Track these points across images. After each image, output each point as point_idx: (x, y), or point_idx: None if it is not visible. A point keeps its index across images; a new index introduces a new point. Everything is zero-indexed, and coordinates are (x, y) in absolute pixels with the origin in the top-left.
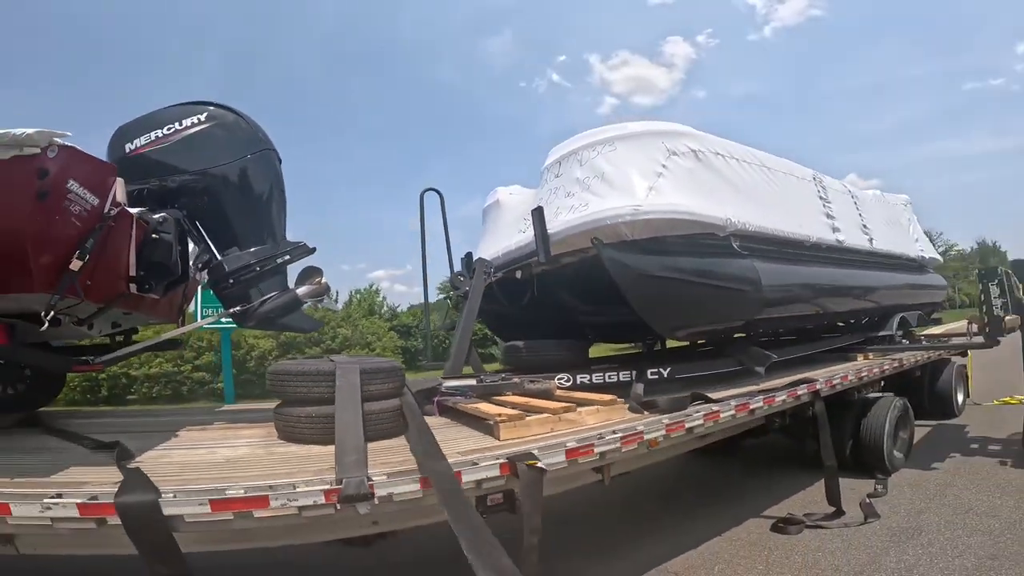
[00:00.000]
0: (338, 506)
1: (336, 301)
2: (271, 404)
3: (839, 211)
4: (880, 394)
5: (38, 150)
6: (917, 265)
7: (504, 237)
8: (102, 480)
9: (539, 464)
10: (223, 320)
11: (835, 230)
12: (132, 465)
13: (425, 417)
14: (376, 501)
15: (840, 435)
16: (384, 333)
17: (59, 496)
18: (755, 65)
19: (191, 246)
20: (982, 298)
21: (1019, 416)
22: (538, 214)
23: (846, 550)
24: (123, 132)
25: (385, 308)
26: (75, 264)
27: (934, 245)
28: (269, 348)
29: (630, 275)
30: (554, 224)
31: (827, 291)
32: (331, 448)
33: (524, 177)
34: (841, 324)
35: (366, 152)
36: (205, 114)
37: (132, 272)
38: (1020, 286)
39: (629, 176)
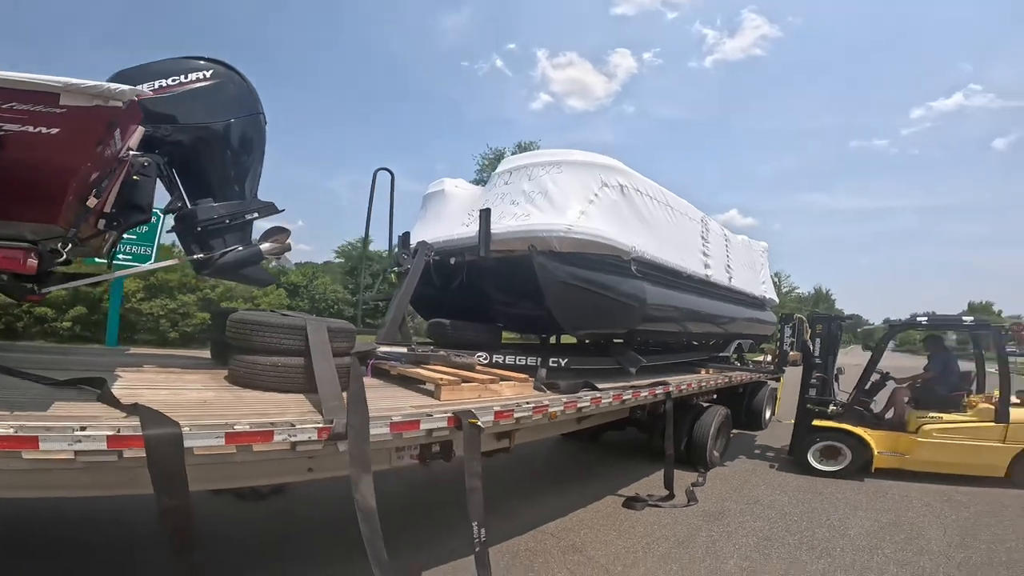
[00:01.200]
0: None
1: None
2: (166, 351)
3: (713, 251)
4: (710, 403)
5: (120, 104)
6: (759, 303)
7: (447, 225)
8: (94, 415)
9: (478, 422)
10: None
11: (707, 266)
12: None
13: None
14: None
15: (679, 432)
16: (271, 289)
17: (83, 429)
18: (685, 92)
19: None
20: (778, 336)
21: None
22: (486, 215)
23: (673, 525)
24: (125, 76)
25: (274, 263)
26: (91, 202)
27: (780, 286)
28: (135, 289)
29: (553, 280)
30: (498, 226)
31: (691, 315)
32: (290, 396)
33: (445, 154)
34: (695, 343)
35: (282, 103)
36: (211, 71)
37: (107, 208)
38: (808, 331)
39: (568, 198)
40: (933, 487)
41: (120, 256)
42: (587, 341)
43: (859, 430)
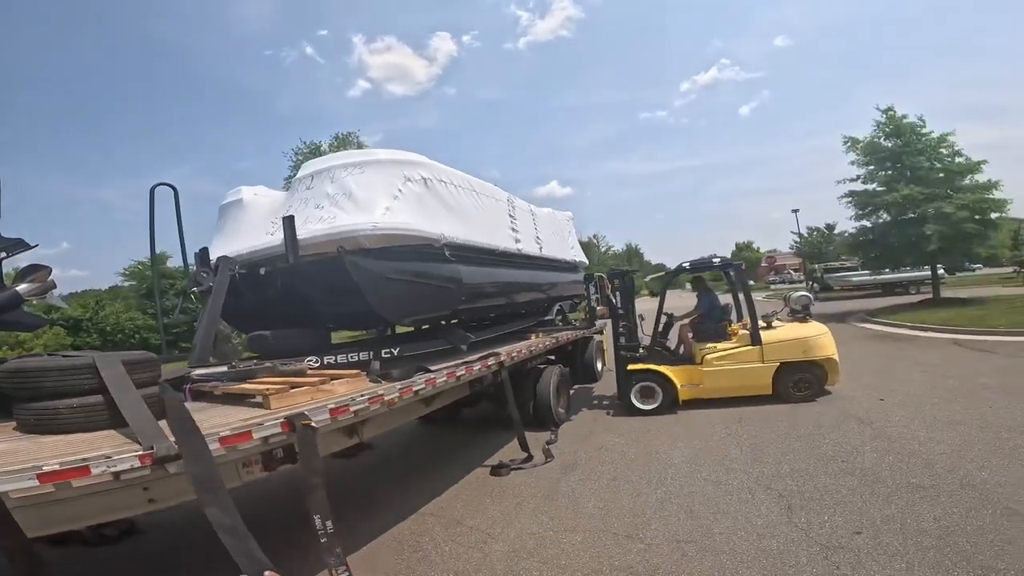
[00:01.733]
0: (153, 468)
1: None
2: None
3: (521, 226)
4: (547, 365)
5: None
6: (572, 266)
7: (250, 236)
8: None
9: (311, 422)
10: None
11: (517, 241)
12: None
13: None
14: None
15: (523, 397)
16: (43, 330)
17: None
18: (503, 73)
19: None
20: (585, 295)
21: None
22: (289, 221)
23: (537, 482)
24: None
25: (36, 303)
26: None
27: (598, 246)
28: None
29: (367, 276)
30: (304, 231)
31: (510, 287)
32: (98, 434)
33: (251, 150)
34: (522, 312)
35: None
36: None
37: None
38: (610, 286)
39: (372, 197)
40: (727, 411)
41: None
42: (425, 327)
43: (663, 368)
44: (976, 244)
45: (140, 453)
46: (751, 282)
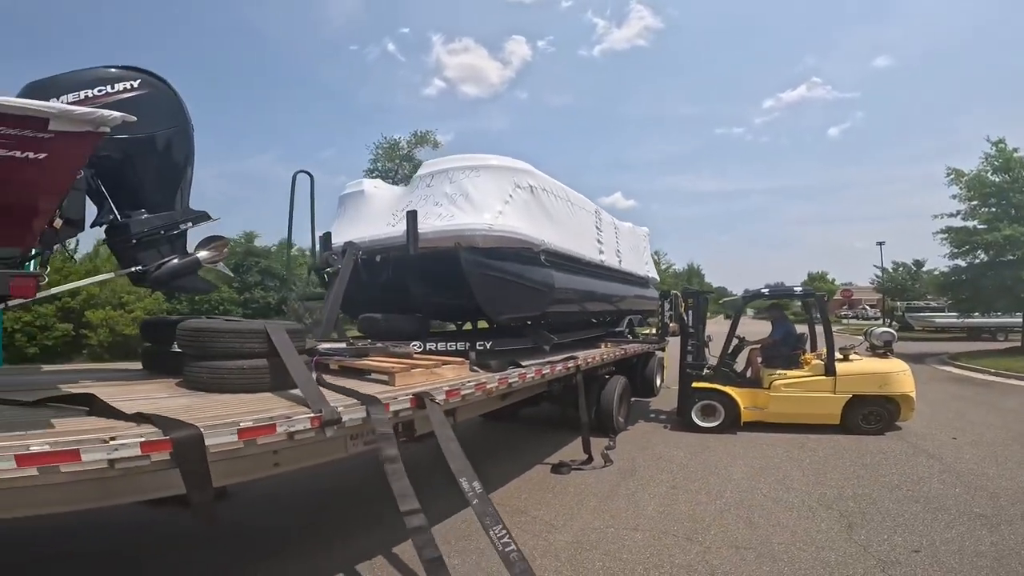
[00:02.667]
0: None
1: (75, 252)
2: (80, 365)
3: (605, 238)
4: (611, 375)
5: (108, 130)
6: (644, 282)
7: (371, 225)
8: (104, 427)
9: (437, 400)
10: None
11: (601, 252)
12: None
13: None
14: (345, 422)
15: (589, 402)
16: (145, 293)
17: (113, 439)
18: (576, 80)
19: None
20: (659, 311)
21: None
22: (413, 216)
23: (597, 483)
24: (45, 87)
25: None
26: (57, 223)
27: (660, 263)
28: None
29: (478, 273)
30: (424, 226)
31: (590, 295)
32: (256, 396)
33: (333, 142)
34: (595, 320)
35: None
36: (138, 81)
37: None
38: (683, 304)
39: (486, 200)
40: (789, 436)
41: None
42: (505, 325)
43: (728, 389)
44: None
45: (311, 415)
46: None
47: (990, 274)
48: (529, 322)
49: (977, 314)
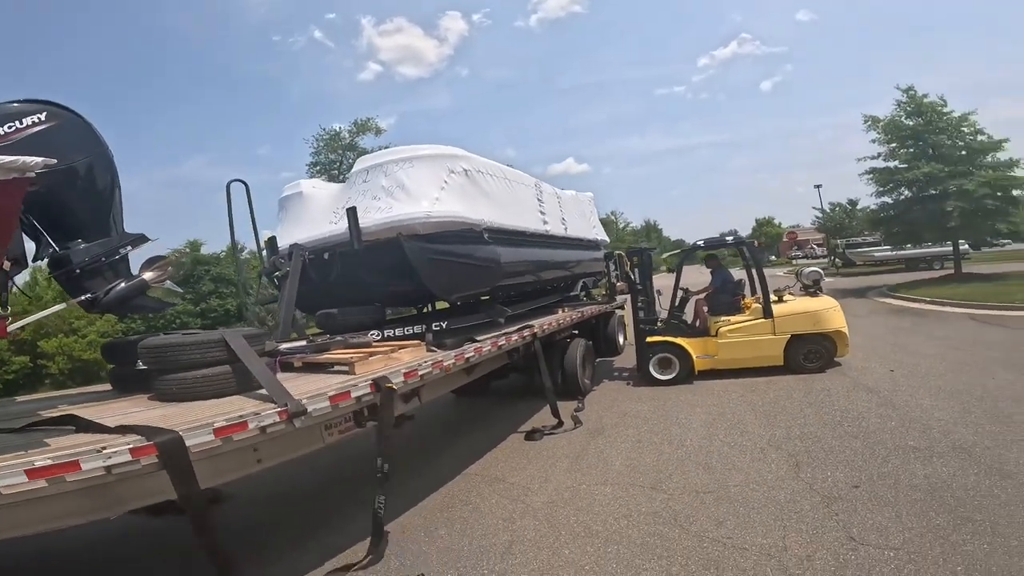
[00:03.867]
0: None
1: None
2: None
3: (548, 208)
4: (572, 338)
5: (34, 175)
6: (595, 245)
7: (314, 225)
8: (93, 441)
9: (392, 384)
10: None
11: (545, 222)
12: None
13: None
14: (311, 412)
15: (552, 368)
16: (95, 316)
17: (104, 449)
18: (516, 52)
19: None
20: (606, 272)
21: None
22: (353, 212)
23: (568, 445)
24: None
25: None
26: (6, 265)
27: (617, 223)
28: None
29: (422, 259)
30: (365, 220)
31: (540, 265)
32: (225, 400)
33: (266, 137)
34: (549, 288)
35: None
36: (45, 113)
37: None
38: (629, 263)
39: (422, 188)
40: (741, 380)
41: None
42: (458, 303)
43: (679, 340)
44: (997, 220)
45: (279, 409)
46: (774, 257)
47: (916, 208)
48: (484, 298)
49: (910, 246)
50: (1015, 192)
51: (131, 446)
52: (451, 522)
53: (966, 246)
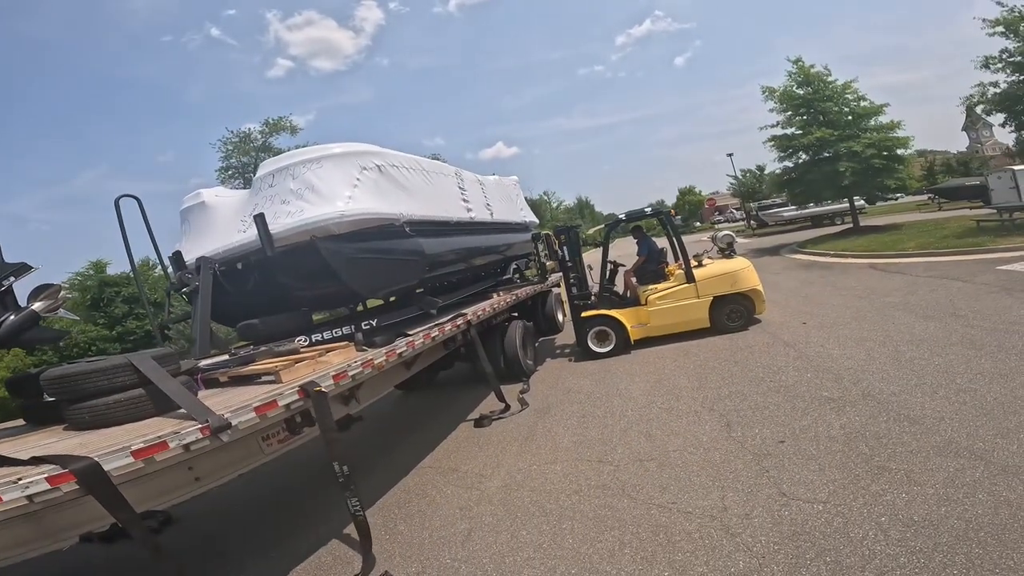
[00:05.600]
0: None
1: None
2: None
3: (471, 196)
4: (510, 320)
5: None
6: (524, 227)
7: (221, 235)
8: (3, 475)
9: (321, 387)
10: None
11: (469, 210)
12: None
13: (196, 392)
14: (233, 426)
15: (493, 353)
16: (3, 352)
17: (20, 480)
18: (436, 38)
19: None
20: (533, 254)
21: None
22: (261, 218)
23: (517, 428)
24: None
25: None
26: None
27: (550, 203)
28: None
29: (340, 259)
30: (275, 225)
31: (468, 253)
32: (145, 423)
33: (173, 146)
34: (482, 274)
35: None
36: None
37: None
38: (557, 242)
39: (333, 188)
40: (675, 346)
41: None
42: (393, 299)
43: (613, 312)
44: (885, 177)
45: (199, 427)
46: (699, 223)
47: (813, 170)
48: (419, 291)
49: (813, 204)
50: (899, 151)
51: (46, 475)
52: (409, 517)
53: (862, 202)
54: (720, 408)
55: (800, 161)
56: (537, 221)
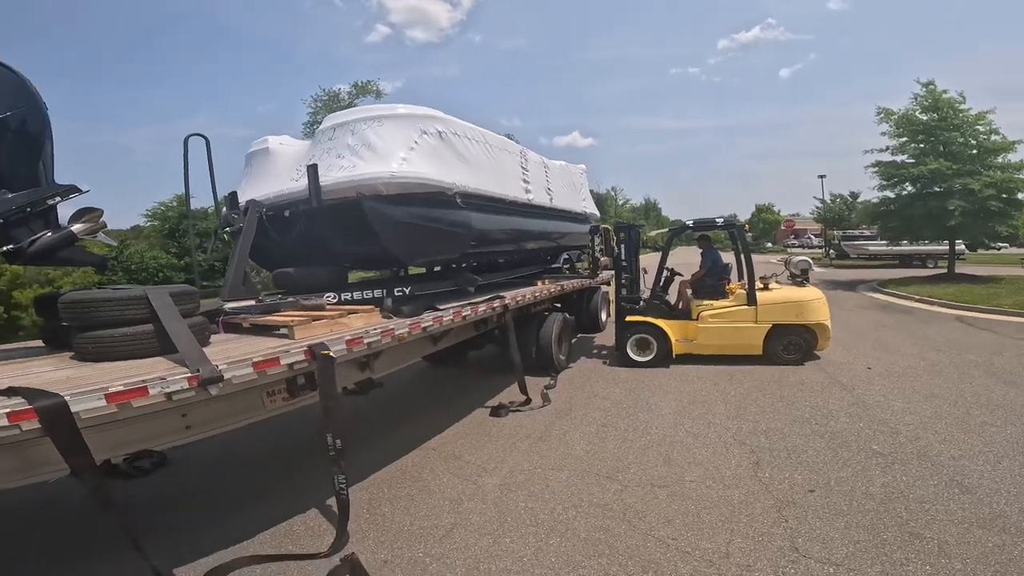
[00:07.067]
0: (199, 389)
1: None
2: None
3: (532, 177)
4: (551, 312)
5: None
6: (583, 218)
7: (276, 181)
8: None
9: (330, 352)
10: None
11: (527, 191)
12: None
13: (212, 335)
14: (225, 380)
15: (526, 342)
16: (73, 268)
17: None
18: (528, 22)
19: None
20: (588, 247)
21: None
22: (313, 169)
23: (532, 424)
24: None
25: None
26: None
27: (616, 199)
28: None
29: (383, 220)
30: (326, 179)
31: (519, 234)
32: (148, 360)
33: (274, 96)
34: (529, 259)
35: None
36: None
37: None
38: (615, 238)
39: (389, 148)
40: (719, 368)
41: None
42: (436, 269)
43: (659, 322)
44: (998, 222)
45: (188, 375)
46: (770, 244)
47: (917, 204)
48: (454, 265)
49: (906, 242)
50: (1020, 195)
51: (8, 410)
52: (396, 499)
53: (962, 246)
54: (753, 443)
55: (904, 193)
56: (599, 214)
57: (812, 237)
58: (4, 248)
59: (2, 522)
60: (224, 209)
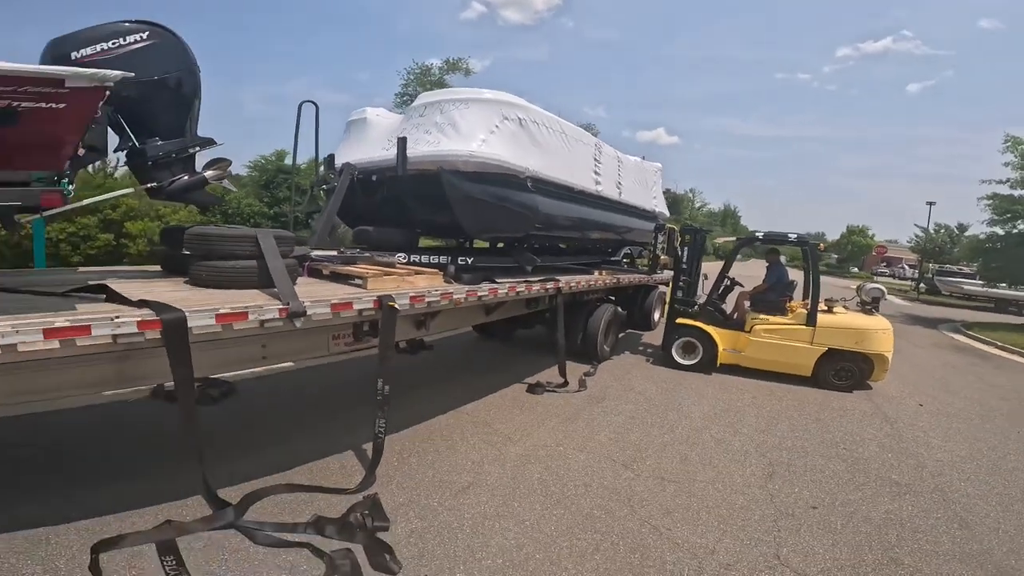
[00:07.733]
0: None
1: (115, 171)
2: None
3: (604, 170)
4: (603, 302)
5: (112, 84)
6: (650, 215)
7: (369, 148)
8: (113, 311)
9: (395, 304)
10: None
11: (597, 183)
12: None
13: (297, 277)
14: (307, 315)
15: (574, 327)
16: (181, 206)
17: (117, 318)
18: (624, 12)
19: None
20: (650, 244)
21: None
22: (403, 142)
23: (565, 405)
24: (64, 42)
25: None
26: (80, 151)
27: (694, 202)
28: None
29: (457, 193)
30: (414, 151)
31: (582, 223)
32: (247, 291)
33: (368, 64)
34: (590, 248)
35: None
36: (147, 32)
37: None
38: (679, 239)
39: (472, 129)
40: (761, 383)
41: None
42: (500, 245)
43: (709, 328)
44: None
45: (280, 307)
46: (856, 269)
47: None
48: (516, 243)
49: (1004, 285)
50: None
51: (139, 319)
52: (424, 452)
53: None
54: (772, 457)
55: (1014, 231)
56: (667, 214)
57: (907, 267)
58: (148, 185)
59: (71, 436)
60: (322, 168)
